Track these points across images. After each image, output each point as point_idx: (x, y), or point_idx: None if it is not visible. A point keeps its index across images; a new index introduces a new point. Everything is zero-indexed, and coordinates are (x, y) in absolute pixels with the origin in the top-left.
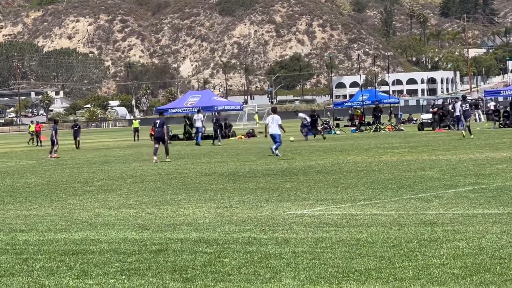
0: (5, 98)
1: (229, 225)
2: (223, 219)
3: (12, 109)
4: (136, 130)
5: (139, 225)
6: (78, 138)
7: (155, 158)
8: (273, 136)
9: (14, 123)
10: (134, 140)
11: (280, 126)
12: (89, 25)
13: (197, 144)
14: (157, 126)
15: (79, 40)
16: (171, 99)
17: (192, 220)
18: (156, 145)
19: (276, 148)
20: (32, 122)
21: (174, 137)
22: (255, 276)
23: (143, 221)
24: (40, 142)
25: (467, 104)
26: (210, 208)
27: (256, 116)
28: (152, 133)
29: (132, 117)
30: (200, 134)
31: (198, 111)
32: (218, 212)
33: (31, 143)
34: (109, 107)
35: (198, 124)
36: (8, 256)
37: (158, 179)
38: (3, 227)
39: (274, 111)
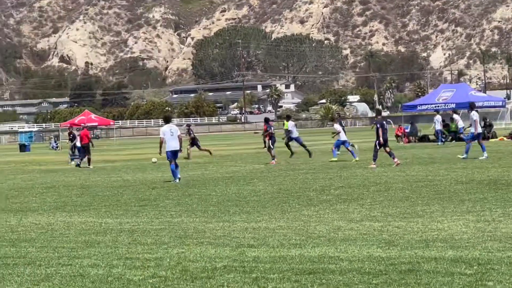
0: (228, 92)
1: (492, 241)
2: (484, 234)
3: (235, 104)
4: None
5: (386, 240)
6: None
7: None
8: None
9: (238, 121)
10: None
11: None
12: (325, 7)
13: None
14: (385, 127)
15: (313, 25)
16: (419, 94)
17: (448, 235)
18: (387, 148)
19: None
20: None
21: (423, 138)
22: None
23: (390, 236)
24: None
25: None
26: (469, 221)
27: None
28: (399, 133)
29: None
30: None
31: (437, 112)
32: (478, 227)
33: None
34: (348, 103)
35: (438, 126)
36: (236, 274)
37: (406, 187)
38: (229, 241)
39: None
